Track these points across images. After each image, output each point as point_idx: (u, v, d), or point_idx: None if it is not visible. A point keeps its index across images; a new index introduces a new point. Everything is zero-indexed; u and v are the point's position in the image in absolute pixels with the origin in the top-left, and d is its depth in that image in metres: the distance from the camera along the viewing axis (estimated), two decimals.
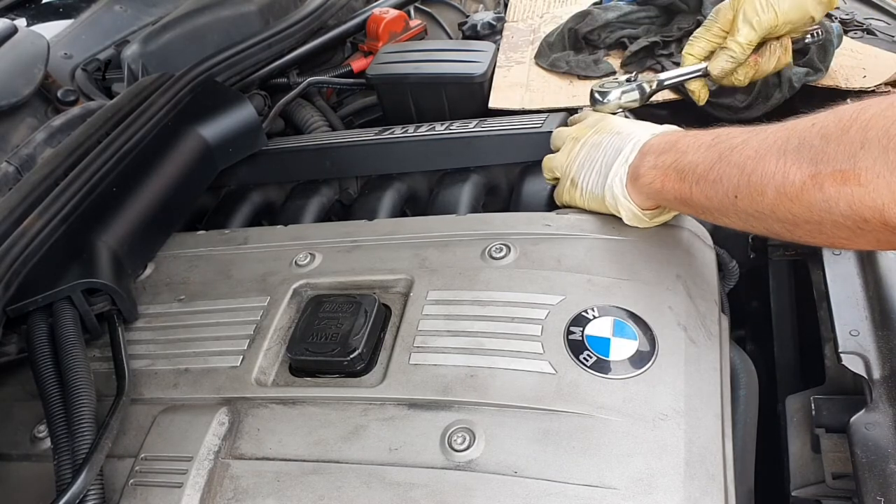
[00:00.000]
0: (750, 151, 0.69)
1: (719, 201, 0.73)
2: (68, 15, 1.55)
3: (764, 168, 0.67)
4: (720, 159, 0.72)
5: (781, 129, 0.68)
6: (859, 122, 0.60)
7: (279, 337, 0.83)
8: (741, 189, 0.69)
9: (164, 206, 1.02)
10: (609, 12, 1.37)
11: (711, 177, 0.73)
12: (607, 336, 0.74)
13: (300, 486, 0.68)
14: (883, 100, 0.60)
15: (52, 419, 0.73)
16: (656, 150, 0.81)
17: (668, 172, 0.78)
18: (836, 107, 0.65)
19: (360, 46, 1.56)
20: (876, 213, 0.59)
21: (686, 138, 0.79)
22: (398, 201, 1.15)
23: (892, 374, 0.74)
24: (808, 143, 0.64)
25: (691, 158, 0.76)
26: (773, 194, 0.66)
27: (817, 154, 0.62)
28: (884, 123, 0.58)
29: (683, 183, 0.76)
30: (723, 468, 0.66)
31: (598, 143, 0.89)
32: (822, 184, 0.62)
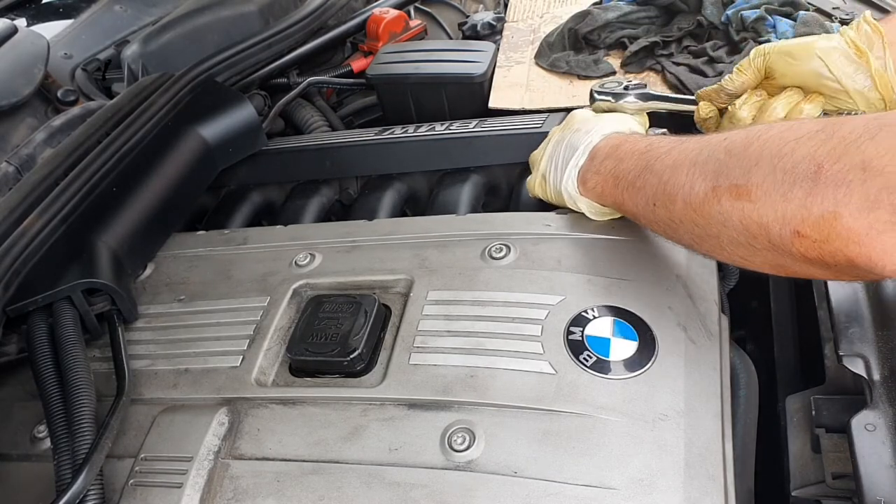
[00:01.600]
0: (669, 161, 0.72)
1: (643, 208, 0.76)
2: (68, 15, 1.55)
3: (676, 178, 0.69)
4: (646, 168, 0.75)
5: (699, 141, 0.70)
6: (760, 141, 0.62)
7: (279, 337, 0.83)
8: (658, 197, 0.72)
9: (164, 206, 1.02)
10: (609, 12, 1.37)
11: (638, 184, 0.75)
12: (607, 336, 0.74)
13: (300, 487, 0.68)
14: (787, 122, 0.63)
15: (52, 419, 0.73)
16: (601, 154, 0.84)
17: (607, 178, 0.81)
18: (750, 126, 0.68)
19: (360, 46, 1.56)
20: (762, 230, 0.61)
21: (626, 144, 0.81)
22: (398, 201, 1.15)
23: (892, 374, 0.74)
24: (714, 157, 0.66)
25: (625, 166, 0.78)
26: (681, 204, 0.69)
27: (720, 167, 0.64)
28: (779, 143, 0.60)
29: (617, 189, 0.79)
30: (723, 468, 0.66)
31: (561, 140, 0.91)
32: (720, 197, 0.64)
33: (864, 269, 0.56)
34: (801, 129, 0.60)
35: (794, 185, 0.58)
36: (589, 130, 0.88)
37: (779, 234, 0.59)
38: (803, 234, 0.58)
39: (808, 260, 0.60)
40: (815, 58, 0.82)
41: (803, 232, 0.58)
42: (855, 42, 0.80)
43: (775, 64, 0.85)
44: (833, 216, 0.55)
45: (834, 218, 0.55)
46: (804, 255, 0.59)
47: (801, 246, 0.59)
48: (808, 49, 0.83)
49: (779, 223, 0.59)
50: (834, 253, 0.57)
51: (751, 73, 0.88)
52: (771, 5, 1.23)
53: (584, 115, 0.94)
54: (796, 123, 0.61)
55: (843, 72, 0.81)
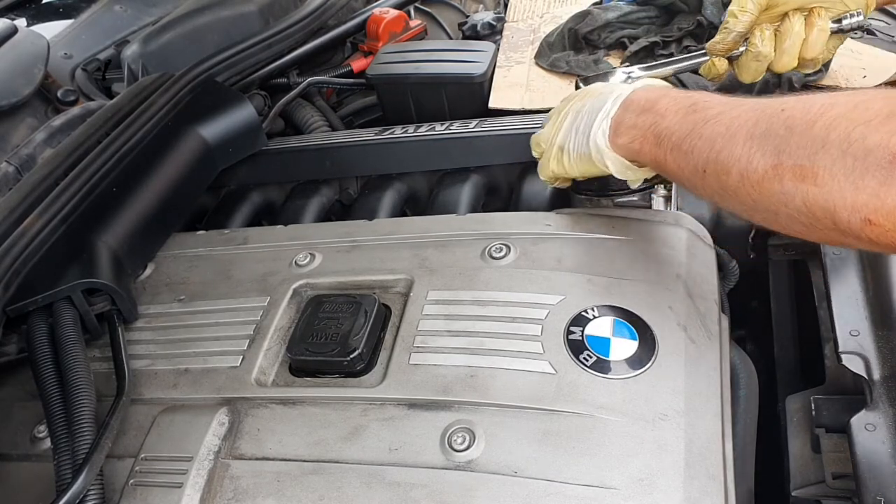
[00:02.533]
0: (721, 128, 0.69)
1: (690, 172, 0.72)
2: (68, 15, 1.55)
3: (731, 149, 0.67)
4: (693, 130, 0.71)
5: (753, 108, 0.68)
6: (824, 120, 0.60)
7: (279, 337, 0.83)
8: (710, 165, 0.69)
9: (164, 206, 1.02)
10: (609, 12, 1.37)
11: (685, 147, 0.72)
12: (607, 336, 0.74)
13: (300, 486, 0.68)
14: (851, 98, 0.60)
15: (52, 419, 0.73)
16: (637, 107, 0.79)
17: (646, 135, 0.77)
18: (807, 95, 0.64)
19: (360, 46, 1.56)
20: (827, 214, 0.59)
21: (665, 99, 0.77)
22: (398, 201, 1.15)
23: (892, 374, 0.74)
24: (773, 131, 0.64)
25: (668, 124, 0.75)
26: (737, 177, 0.66)
27: (781, 144, 0.62)
28: (846, 126, 0.58)
29: (659, 148, 0.75)
30: (723, 468, 0.66)
31: (581, 108, 0.86)
32: (783, 176, 0.62)
33: None
34: (868, 110, 0.58)
35: (865, 173, 0.56)
36: (612, 91, 0.84)
37: (847, 219, 0.58)
38: (875, 223, 0.57)
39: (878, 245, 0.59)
40: None
41: (875, 221, 0.56)
42: None
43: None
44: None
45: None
46: (874, 240, 0.58)
47: (872, 233, 0.57)
48: None
49: (847, 210, 0.58)
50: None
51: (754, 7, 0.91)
52: None
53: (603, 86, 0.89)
54: (861, 101, 0.59)
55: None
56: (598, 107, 0.83)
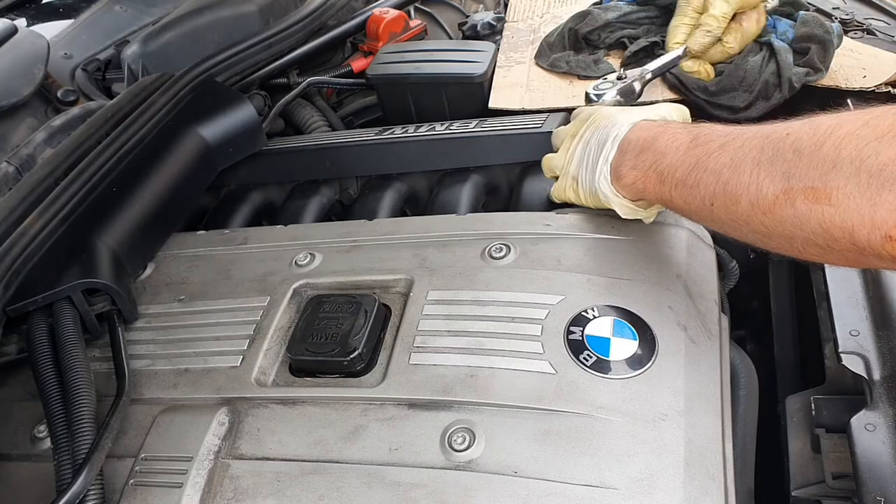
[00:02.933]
0: (726, 159, 0.69)
1: (697, 206, 0.72)
2: (68, 15, 1.55)
3: (739, 178, 0.66)
4: (697, 164, 0.71)
5: (757, 135, 0.67)
6: (833, 139, 0.59)
7: (279, 337, 0.83)
8: (717, 197, 0.69)
9: (164, 206, 1.02)
10: (609, 12, 1.37)
11: (689, 182, 0.72)
12: (607, 336, 0.74)
13: (300, 486, 0.68)
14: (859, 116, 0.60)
15: (52, 419, 0.73)
16: (635, 148, 0.80)
17: (648, 174, 0.77)
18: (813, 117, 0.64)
19: (360, 46, 1.56)
20: (846, 234, 0.59)
21: (664, 136, 0.77)
22: (398, 201, 1.15)
23: (892, 374, 0.74)
24: (781, 156, 0.63)
25: (670, 161, 0.75)
26: (746, 205, 0.66)
27: (790, 168, 0.62)
28: (857, 143, 0.57)
29: (664, 186, 0.76)
30: (723, 468, 0.66)
31: (589, 140, 0.87)
32: (794, 200, 0.62)
33: None
34: (879, 126, 0.57)
35: (882, 188, 0.55)
36: (616, 123, 0.84)
37: (867, 237, 0.57)
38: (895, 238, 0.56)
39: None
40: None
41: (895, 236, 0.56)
42: None
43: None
44: None
45: None
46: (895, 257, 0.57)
47: (894, 249, 0.57)
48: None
49: (867, 227, 0.57)
50: None
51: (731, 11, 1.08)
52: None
53: (609, 109, 0.90)
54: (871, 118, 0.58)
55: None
56: (601, 143, 0.84)
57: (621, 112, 0.88)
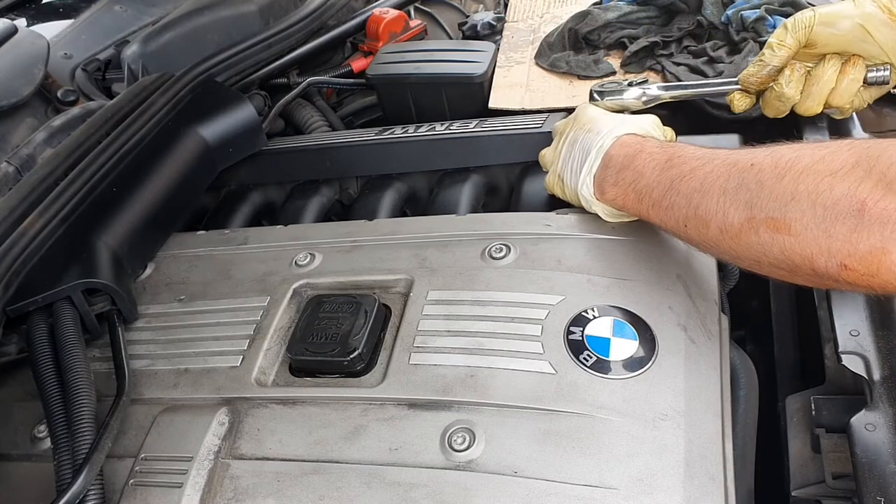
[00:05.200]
0: (696, 184, 0.72)
1: (673, 227, 0.76)
2: (68, 15, 1.55)
3: (707, 204, 0.70)
4: (671, 187, 0.75)
5: (725, 162, 0.71)
6: (792, 173, 0.63)
7: (279, 337, 0.83)
8: (689, 220, 0.73)
9: (164, 206, 1.02)
10: (609, 12, 1.37)
11: (665, 203, 0.76)
12: (607, 336, 0.74)
13: (300, 486, 0.68)
14: (816, 151, 0.63)
15: (52, 419, 0.73)
16: (616, 164, 0.83)
17: (627, 192, 0.81)
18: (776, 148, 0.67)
19: (360, 46, 1.56)
20: (806, 261, 0.62)
21: (642, 155, 0.80)
22: (398, 201, 1.15)
23: (892, 374, 0.74)
24: (745, 185, 0.67)
25: (647, 181, 0.78)
26: (715, 230, 0.70)
27: (753, 198, 0.66)
28: (814, 178, 0.61)
29: (641, 205, 0.80)
30: (723, 468, 0.66)
31: (574, 140, 0.90)
32: (758, 229, 0.65)
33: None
34: (833, 161, 0.60)
35: (836, 221, 0.59)
36: (600, 131, 0.87)
37: (824, 265, 0.61)
38: (850, 268, 0.59)
39: (856, 287, 0.61)
40: (857, 25, 0.87)
41: (850, 266, 0.59)
42: (888, 7, 0.86)
43: (818, 34, 0.88)
44: (881, 252, 0.57)
45: (882, 254, 0.57)
46: (852, 283, 0.61)
47: (849, 277, 0.60)
48: (849, 17, 0.87)
49: (824, 256, 0.60)
50: (884, 285, 0.59)
51: (793, 43, 0.89)
52: (771, 5, 1.23)
53: (594, 112, 0.92)
54: (826, 153, 0.62)
55: (883, 36, 0.86)
56: (585, 151, 0.87)
57: (605, 119, 0.90)
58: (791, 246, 0.63)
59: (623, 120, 0.89)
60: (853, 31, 0.87)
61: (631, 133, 0.85)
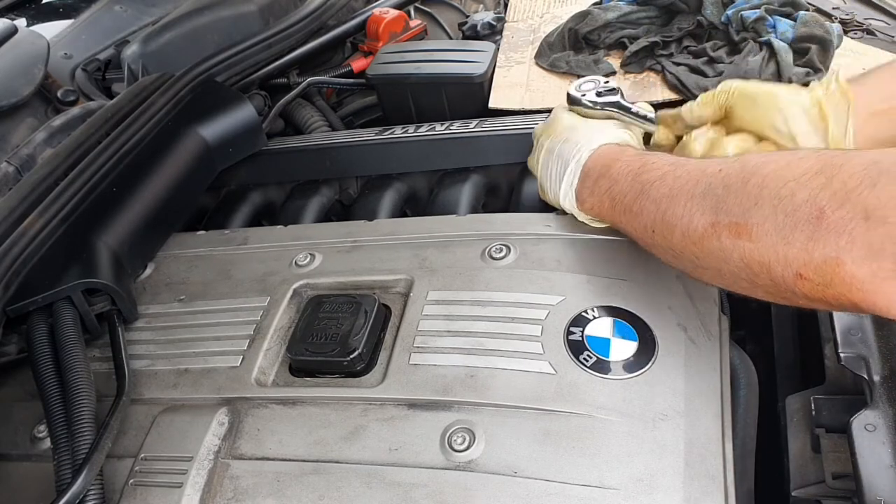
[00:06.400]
0: (665, 189, 0.71)
1: (641, 232, 0.76)
2: (68, 15, 1.55)
3: (674, 209, 0.69)
4: (642, 192, 0.74)
5: (696, 168, 0.70)
6: (757, 177, 0.62)
7: (279, 337, 0.83)
8: (656, 225, 0.72)
9: (164, 207, 1.02)
10: (609, 12, 1.37)
11: (635, 209, 0.75)
12: (607, 336, 0.74)
13: (300, 486, 0.68)
14: (784, 156, 0.62)
15: (52, 419, 0.73)
16: (594, 174, 0.83)
17: (603, 199, 0.81)
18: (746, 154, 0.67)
19: (360, 46, 1.56)
20: (764, 269, 0.61)
21: (618, 164, 0.80)
22: (398, 201, 1.15)
23: (892, 374, 0.74)
24: (712, 191, 0.66)
25: (621, 188, 0.78)
26: (679, 235, 0.69)
27: (718, 203, 0.65)
28: (777, 183, 0.60)
29: (615, 211, 0.80)
30: (723, 468, 0.66)
31: (551, 149, 0.90)
32: (720, 234, 0.64)
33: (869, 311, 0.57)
34: (798, 167, 0.60)
35: (795, 228, 0.58)
36: (577, 142, 0.87)
37: (781, 274, 0.60)
38: (805, 277, 0.58)
39: (812, 299, 0.60)
40: (776, 109, 0.79)
41: (805, 275, 0.58)
42: (820, 103, 0.77)
43: (736, 105, 0.83)
44: (835, 262, 0.56)
45: (836, 264, 0.56)
46: (807, 295, 0.60)
47: (804, 287, 0.59)
48: (771, 98, 0.80)
49: (780, 264, 0.60)
50: (837, 297, 0.58)
51: (711, 108, 0.85)
52: (771, 5, 1.23)
53: (569, 121, 0.92)
54: (794, 159, 0.61)
55: (800, 130, 0.78)
56: (563, 162, 0.87)
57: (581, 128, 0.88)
58: (750, 252, 0.62)
59: (600, 128, 0.88)
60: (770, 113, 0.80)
61: (608, 143, 0.85)
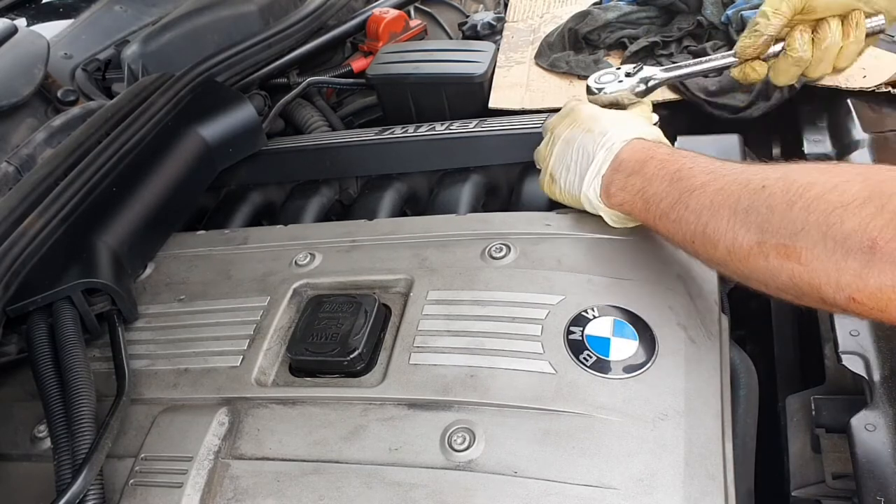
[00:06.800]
0: (706, 200, 0.71)
1: (680, 241, 0.76)
2: (68, 15, 1.55)
3: (717, 223, 0.69)
4: (679, 201, 0.74)
5: (736, 181, 0.70)
6: (803, 201, 0.62)
7: (279, 337, 0.83)
8: (697, 237, 0.72)
9: (164, 207, 1.02)
10: (609, 12, 1.37)
11: (672, 216, 0.75)
12: (607, 336, 0.74)
13: (300, 486, 0.68)
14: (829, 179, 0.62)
15: (52, 419, 0.73)
16: (626, 169, 0.81)
17: (635, 199, 0.80)
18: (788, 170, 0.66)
19: (360, 46, 1.56)
20: (814, 290, 0.62)
21: (652, 162, 0.79)
22: (398, 201, 1.15)
23: (892, 374, 0.74)
24: (756, 209, 0.66)
25: (656, 190, 0.77)
26: (724, 251, 0.69)
27: (763, 223, 0.65)
28: (825, 208, 0.60)
29: (648, 214, 0.78)
30: (723, 468, 0.66)
31: (570, 140, 0.88)
32: (767, 254, 0.65)
33: None
34: (846, 191, 0.60)
35: (847, 255, 0.58)
36: (604, 133, 0.84)
37: (833, 296, 0.60)
38: (859, 301, 0.59)
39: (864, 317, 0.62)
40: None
41: (859, 300, 0.59)
42: None
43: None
44: (892, 290, 0.56)
45: (893, 291, 0.56)
46: (859, 314, 0.61)
47: (857, 309, 0.60)
48: None
49: (832, 288, 0.60)
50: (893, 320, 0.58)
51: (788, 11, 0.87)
52: None
53: (591, 111, 0.90)
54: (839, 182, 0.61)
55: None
56: (588, 153, 0.85)
57: (606, 120, 0.87)
58: (800, 274, 0.62)
59: (624, 121, 0.87)
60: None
61: (639, 138, 0.83)
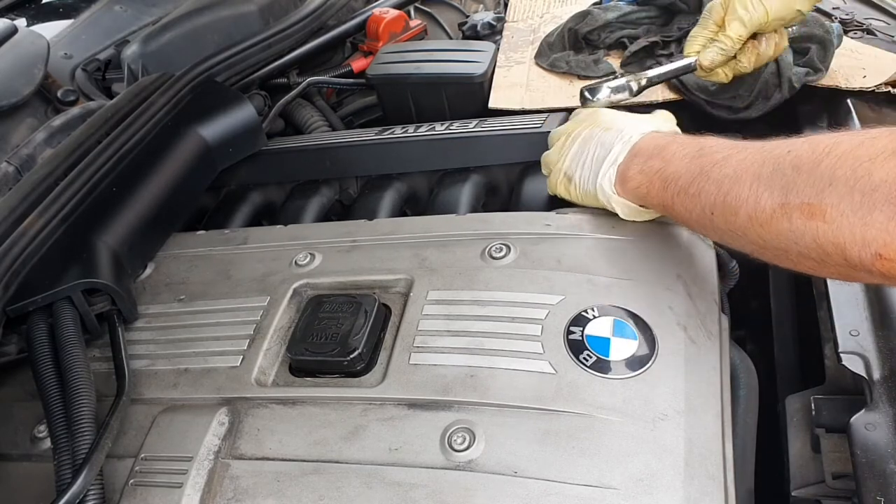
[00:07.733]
0: (728, 170, 0.71)
1: (698, 215, 0.74)
2: (68, 15, 1.55)
3: (739, 190, 0.68)
4: (701, 173, 0.73)
5: (760, 150, 0.69)
6: (831, 157, 0.61)
7: (279, 337, 0.83)
8: (717, 207, 0.71)
9: (163, 206, 1.02)
10: (609, 12, 1.37)
11: (692, 190, 0.74)
12: (607, 336, 0.74)
13: (300, 486, 0.68)
14: (855, 136, 0.61)
15: (52, 419, 0.73)
16: (645, 153, 0.82)
17: (653, 179, 0.79)
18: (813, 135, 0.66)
19: (360, 46, 1.56)
20: (838, 250, 0.61)
21: (673, 145, 0.79)
22: (398, 201, 1.15)
23: (892, 374, 0.74)
24: (780, 171, 0.65)
25: (675, 168, 0.77)
26: (744, 217, 0.68)
27: (788, 184, 0.64)
28: (852, 163, 0.59)
29: (666, 192, 0.78)
30: (723, 468, 0.66)
31: (588, 138, 0.89)
32: (791, 215, 0.64)
33: None
34: (873, 146, 0.59)
35: (874, 208, 0.57)
36: (622, 128, 0.86)
37: (858, 255, 0.59)
38: (886, 257, 0.58)
39: (889, 278, 0.60)
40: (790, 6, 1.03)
41: (886, 255, 0.57)
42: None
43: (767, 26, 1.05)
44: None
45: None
46: (885, 274, 0.59)
47: (883, 267, 0.58)
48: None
49: (857, 245, 0.59)
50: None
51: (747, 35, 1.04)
52: None
53: (612, 113, 0.92)
54: (866, 139, 0.60)
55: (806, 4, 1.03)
56: (606, 146, 0.86)
57: (625, 119, 0.89)
58: (825, 233, 0.61)
59: (643, 118, 0.89)
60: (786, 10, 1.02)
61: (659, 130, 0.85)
